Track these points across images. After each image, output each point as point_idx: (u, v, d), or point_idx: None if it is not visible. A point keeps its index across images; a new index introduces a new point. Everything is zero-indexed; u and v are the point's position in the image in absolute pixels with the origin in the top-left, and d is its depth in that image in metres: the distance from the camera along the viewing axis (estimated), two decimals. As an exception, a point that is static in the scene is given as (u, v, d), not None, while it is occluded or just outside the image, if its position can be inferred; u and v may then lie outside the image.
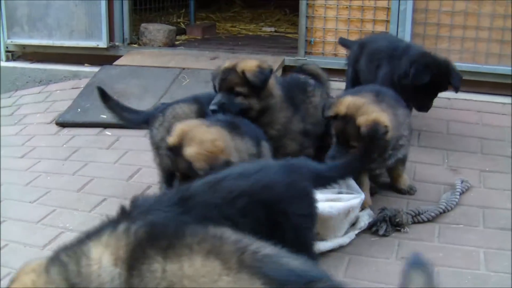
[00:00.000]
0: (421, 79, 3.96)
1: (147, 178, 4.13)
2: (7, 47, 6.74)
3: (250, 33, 7.91)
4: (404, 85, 4.04)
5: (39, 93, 6.30)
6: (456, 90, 4.11)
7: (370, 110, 3.28)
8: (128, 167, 4.36)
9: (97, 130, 5.09)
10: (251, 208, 2.57)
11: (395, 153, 3.50)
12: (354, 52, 4.76)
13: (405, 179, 3.80)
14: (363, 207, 3.43)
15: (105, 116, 5.15)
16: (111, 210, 3.61)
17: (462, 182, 3.82)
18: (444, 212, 3.55)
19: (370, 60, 4.47)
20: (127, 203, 2.47)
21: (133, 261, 2.01)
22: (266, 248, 1.99)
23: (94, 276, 2.01)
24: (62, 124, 5.29)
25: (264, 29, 8.19)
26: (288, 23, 8.48)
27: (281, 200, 2.62)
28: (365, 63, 4.55)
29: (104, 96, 4.00)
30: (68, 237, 3.38)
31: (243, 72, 3.56)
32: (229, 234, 2.05)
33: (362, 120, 3.23)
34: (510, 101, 4.99)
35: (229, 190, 2.58)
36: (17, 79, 6.63)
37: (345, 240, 3.26)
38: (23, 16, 6.55)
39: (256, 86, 3.55)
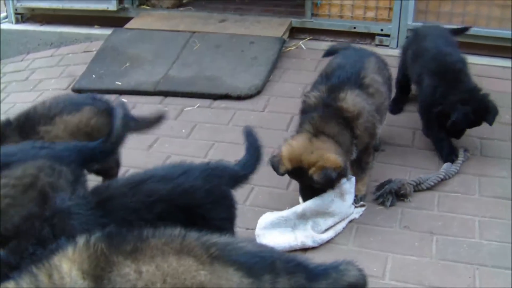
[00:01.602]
0: (459, 126, 4.03)
1: (166, 148, 4.39)
2: (16, 10, 6.85)
3: (255, -12, 7.99)
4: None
5: (51, 56, 6.45)
6: (490, 125, 4.06)
7: (314, 157, 3.33)
8: (146, 136, 4.57)
9: (113, 96, 5.25)
10: (169, 212, 2.71)
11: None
12: (406, 43, 4.70)
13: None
14: (361, 204, 3.66)
15: (120, 83, 5.39)
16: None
17: (464, 151, 4.06)
18: (443, 180, 3.83)
19: (415, 60, 4.38)
20: None
21: (100, 272, 2.17)
22: (222, 238, 2.26)
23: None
24: (79, 91, 5.46)
25: (269, -18, 8.25)
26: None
27: (200, 205, 2.77)
28: (411, 58, 4.46)
29: None
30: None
31: None
32: (188, 232, 2.27)
33: (312, 172, 3.31)
34: (509, 65, 5.19)
35: (148, 194, 2.72)
36: (28, 42, 6.76)
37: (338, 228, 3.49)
38: (32, -20, 6.64)
39: None
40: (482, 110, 3.99)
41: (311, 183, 3.35)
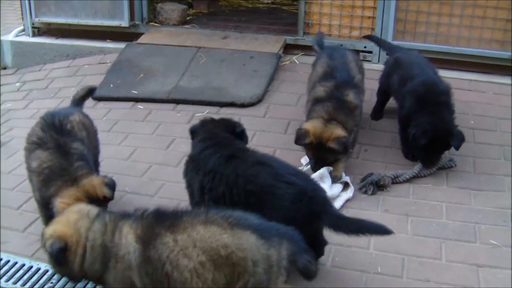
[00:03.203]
0: (418, 142, 4.52)
1: (182, 147, 5.06)
2: (33, 24, 7.45)
3: (249, 5, 8.75)
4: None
5: (68, 67, 7.05)
6: (456, 149, 4.58)
7: (330, 132, 4.35)
8: (164, 137, 5.30)
9: (130, 104, 5.96)
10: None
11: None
12: (389, 66, 5.25)
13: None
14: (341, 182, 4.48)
15: (136, 92, 6.08)
16: (158, 175, 4.68)
17: (450, 160, 4.69)
18: (418, 176, 4.57)
19: (401, 84, 4.90)
20: None
21: (147, 238, 2.92)
22: (236, 212, 2.94)
23: (123, 246, 2.96)
24: (98, 98, 6.10)
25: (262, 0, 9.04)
26: (282, -9, 9.35)
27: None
28: (397, 83, 4.99)
29: None
30: (129, 199, 4.40)
31: None
32: (210, 209, 2.95)
33: (329, 143, 4.32)
34: (476, 78, 6.03)
35: (276, 193, 3.35)
36: (45, 54, 7.34)
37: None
38: (49, -3, 7.27)
39: None
40: (446, 134, 4.51)
41: (326, 155, 4.39)
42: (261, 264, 2.80)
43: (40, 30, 7.59)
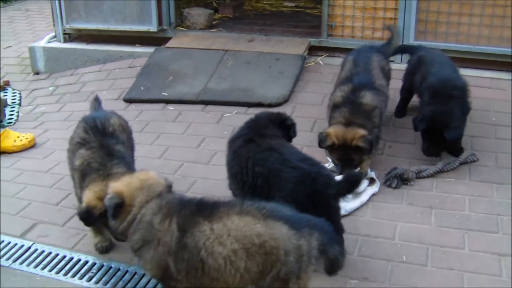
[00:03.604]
0: (416, 127, 4.76)
1: (213, 146, 5.28)
2: (64, 30, 7.72)
3: (274, 9, 8.94)
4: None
5: (99, 71, 7.30)
6: (450, 141, 4.69)
7: (353, 132, 4.46)
8: (194, 137, 5.51)
9: (160, 105, 6.20)
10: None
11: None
12: (412, 65, 5.39)
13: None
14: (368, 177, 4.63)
15: (166, 94, 6.31)
16: (190, 172, 4.88)
17: (471, 155, 4.84)
18: (441, 172, 4.71)
19: (422, 82, 5.00)
20: None
21: (186, 226, 3.10)
22: (269, 204, 3.10)
23: (169, 233, 3.14)
24: (129, 101, 6.37)
25: (285, 3, 9.22)
26: (305, -5, 9.52)
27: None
28: (419, 81, 5.08)
29: None
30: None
31: None
32: (244, 201, 3.09)
33: (356, 142, 4.42)
34: (497, 76, 6.14)
35: (279, 175, 3.60)
36: (77, 59, 7.59)
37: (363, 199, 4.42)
38: (80, 4, 7.52)
39: None
40: (442, 125, 4.60)
41: (352, 155, 4.49)
42: (292, 254, 2.96)
43: (71, 36, 7.84)
